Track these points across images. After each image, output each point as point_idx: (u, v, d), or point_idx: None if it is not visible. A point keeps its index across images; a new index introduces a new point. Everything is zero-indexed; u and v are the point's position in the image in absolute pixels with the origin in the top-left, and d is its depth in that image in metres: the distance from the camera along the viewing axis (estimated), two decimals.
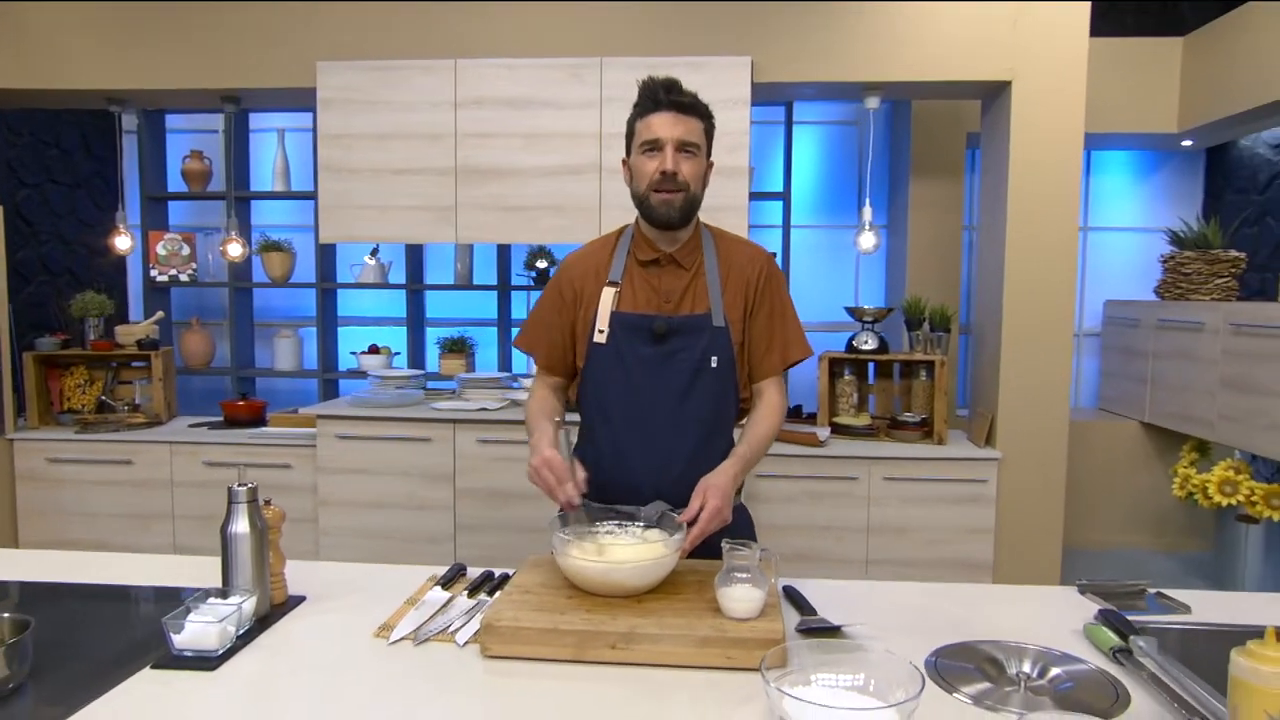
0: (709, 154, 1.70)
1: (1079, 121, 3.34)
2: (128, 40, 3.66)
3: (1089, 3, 3.33)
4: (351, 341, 4.79)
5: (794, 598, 1.51)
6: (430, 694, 1.19)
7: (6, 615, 1.19)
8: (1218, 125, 4.18)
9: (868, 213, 3.67)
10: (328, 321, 4.62)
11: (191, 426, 3.87)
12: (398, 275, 4.63)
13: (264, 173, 4.69)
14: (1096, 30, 3.43)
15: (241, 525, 1.41)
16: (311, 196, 4.39)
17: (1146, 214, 4.89)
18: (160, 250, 4.52)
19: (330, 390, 4.68)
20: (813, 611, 1.46)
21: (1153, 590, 1.60)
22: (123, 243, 3.98)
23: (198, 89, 3.71)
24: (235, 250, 4.02)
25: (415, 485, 3.52)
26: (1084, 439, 4.37)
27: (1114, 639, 1.33)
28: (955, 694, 1.21)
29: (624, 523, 1.56)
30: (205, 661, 1.25)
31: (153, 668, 1.24)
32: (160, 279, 4.51)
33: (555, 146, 3.48)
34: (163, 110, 4.50)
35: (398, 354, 4.66)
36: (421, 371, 4.13)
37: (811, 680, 1.14)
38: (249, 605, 1.35)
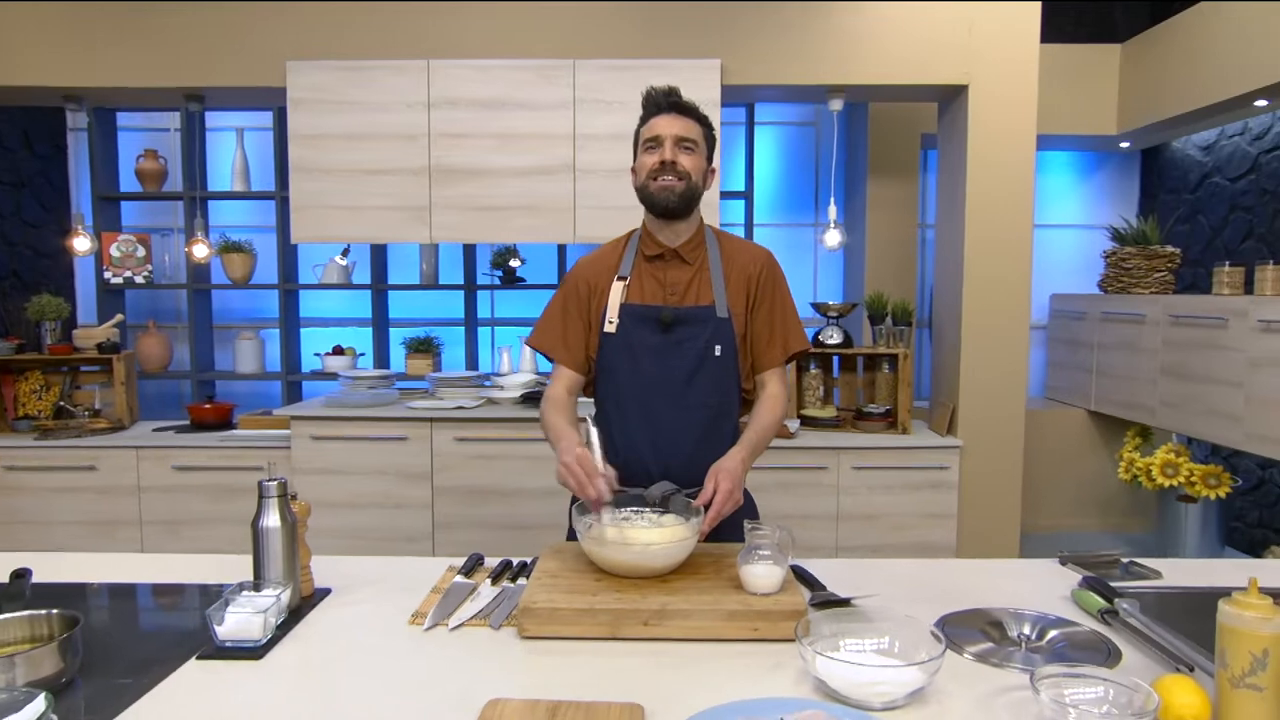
0: (710, 159, 1.78)
1: (1031, 123, 3.52)
2: (87, 37, 3.59)
3: (1040, 8, 3.50)
4: (314, 343, 4.76)
5: (802, 575, 1.60)
6: (477, 673, 1.24)
7: (55, 611, 1.21)
8: (1153, 128, 4.42)
9: (833, 211, 3.80)
10: (290, 323, 4.58)
11: (157, 431, 3.81)
12: (362, 275, 4.61)
13: (221, 173, 4.62)
14: (1040, 36, 3.61)
15: (273, 519, 1.44)
16: (272, 197, 4.36)
17: (1087, 212, 5.14)
18: (114, 252, 4.42)
19: (294, 392, 4.64)
20: (822, 587, 1.55)
21: (1125, 560, 1.73)
22: (81, 244, 3.89)
23: (161, 87, 3.65)
24: (201, 251, 3.96)
25: (392, 484, 3.53)
26: (1033, 427, 4.57)
27: (1101, 602, 1.45)
28: (963, 654, 1.31)
29: (639, 509, 1.63)
30: (250, 651, 1.28)
31: (198, 659, 1.27)
32: (115, 281, 4.41)
33: (528, 147, 3.52)
34: (113, 108, 4.40)
35: (363, 354, 4.65)
36: (393, 372, 4.13)
37: (840, 646, 1.23)
38: (286, 596, 1.38)
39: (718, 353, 1.75)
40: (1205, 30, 3.91)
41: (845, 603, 1.47)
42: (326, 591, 1.55)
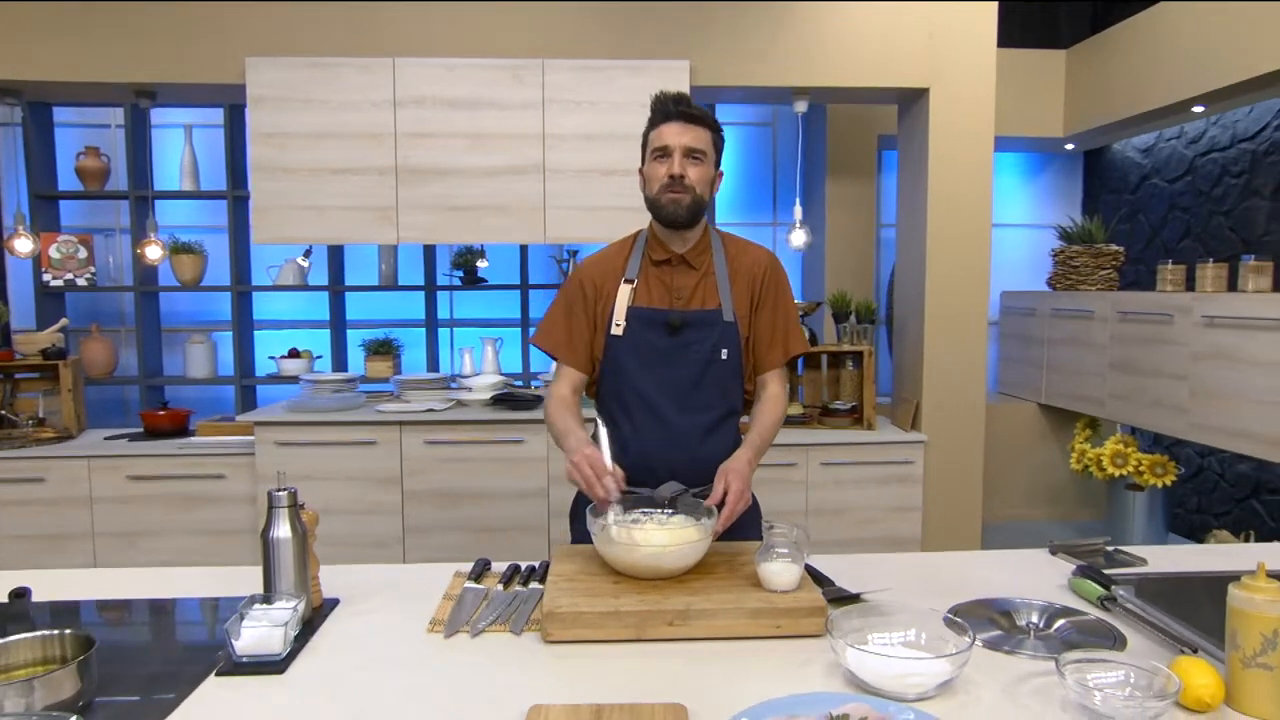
0: (718, 164, 1.79)
1: (989, 125, 3.63)
2: (29, 28, 3.43)
3: (996, 13, 3.61)
4: (269, 346, 4.64)
5: (810, 571, 1.62)
6: (508, 680, 1.23)
7: (69, 632, 1.16)
8: (1096, 131, 4.60)
9: (798, 211, 3.86)
10: (244, 325, 4.46)
11: (109, 439, 3.67)
12: (318, 277, 4.52)
13: (167, 171, 4.47)
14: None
15: (284, 530, 1.41)
16: (223, 196, 4.23)
17: (1034, 211, 5.31)
18: (54, 253, 4.25)
19: (249, 397, 4.52)
20: (830, 583, 1.58)
21: (1110, 548, 1.81)
22: (23, 245, 3.71)
23: (110, 82, 3.51)
24: (154, 253, 3.83)
25: (361, 489, 3.46)
26: (987, 421, 4.70)
27: (1099, 590, 1.51)
28: (977, 642, 1.35)
29: (648, 510, 1.63)
30: (270, 665, 1.25)
31: (217, 675, 1.23)
32: (55, 284, 4.24)
33: (498, 147, 3.49)
34: (51, 103, 4.22)
35: (320, 357, 4.55)
36: (358, 375, 4.05)
37: (869, 640, 1.25)
38: (301, 607, 1.35)
39: (724, 356, 1.77)
40: (1147, 38, 4.08)
41: (856, 598, 1.51)
42: (335, 602, 1.52)
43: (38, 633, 1.15)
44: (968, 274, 3.68)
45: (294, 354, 4.44)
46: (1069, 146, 5.00)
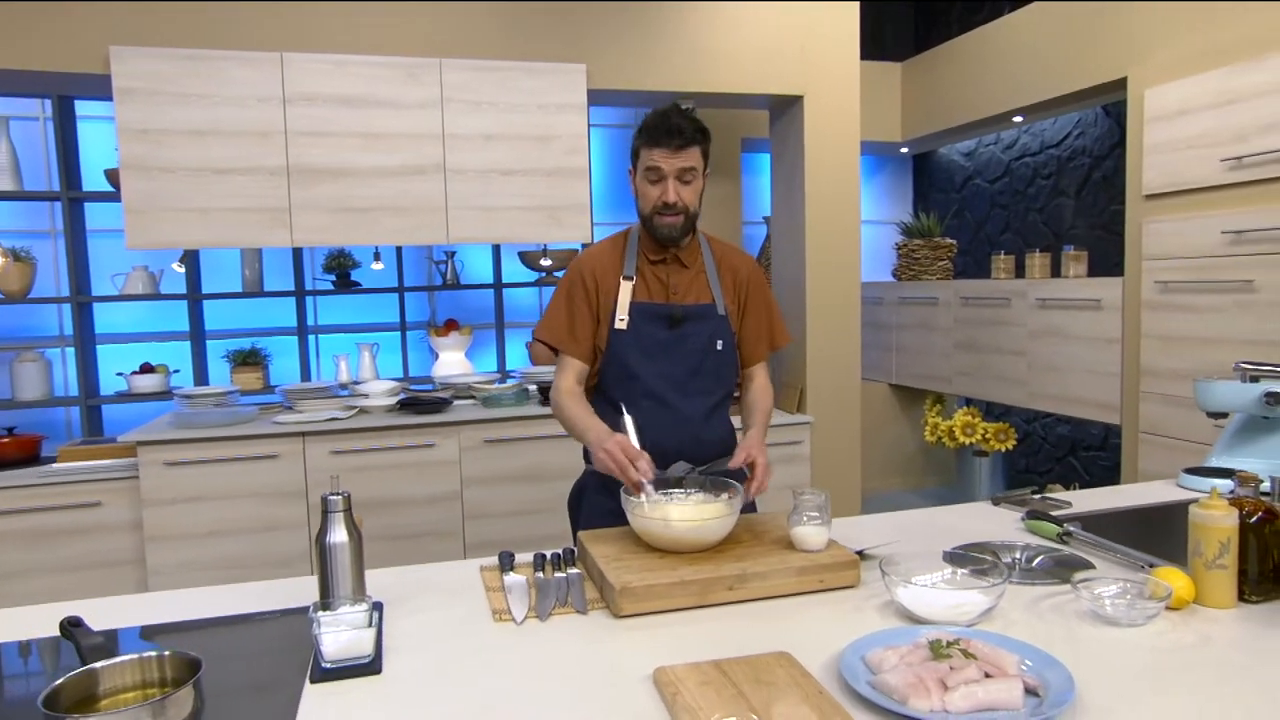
0: (706, 167, 1.90)
1: (856, 129, 3.98)
2: None
3: (858, 26, 3.97)
4: (113, 361, 4.26)
5: None
6: (608, 651, 1.29)
7: (168, 653, 1.10)
8: (928, 138, 5.13)
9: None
10: (86, 340, 4.07)
11: None
12: (171, 285, 4.19)
13: None
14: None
15: (340, 534, 1.38)
16: (54, 198, 3.84)
17: (872, 209, 5.83)
18: None
19: (94, 418, 4.12)
20: (835, 544, 1.74)
21: (1038, 495, 2.10)
22: None
23: None
24: None
25: (263, 506, 3.28)
26: None
27: (1056, 528, 1.78)
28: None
29: (669, 491, 1.73)
30: (363, 668, 1.24)
31: (312, 683, 1.21)
32: None
33: (396, 146, 3.42)
34: None
35: (177, 371, 4.23)
36: (234, 388, 3.81)
37: (912, 581, 1.42)
38: (370, 609, 1.34)
39: (719, 347, 1.90)
40: (975, 55, 4.62)
41: (860, 554, 1.68)
42: (379, 604, 1.50)
43: (134, 655, 1.09)
44: (842, 267, 4.02)
45: (147, 369, 4.10)
46: (903, 150, 5.54)
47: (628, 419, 1.72)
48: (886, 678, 1.12)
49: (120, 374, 4.12)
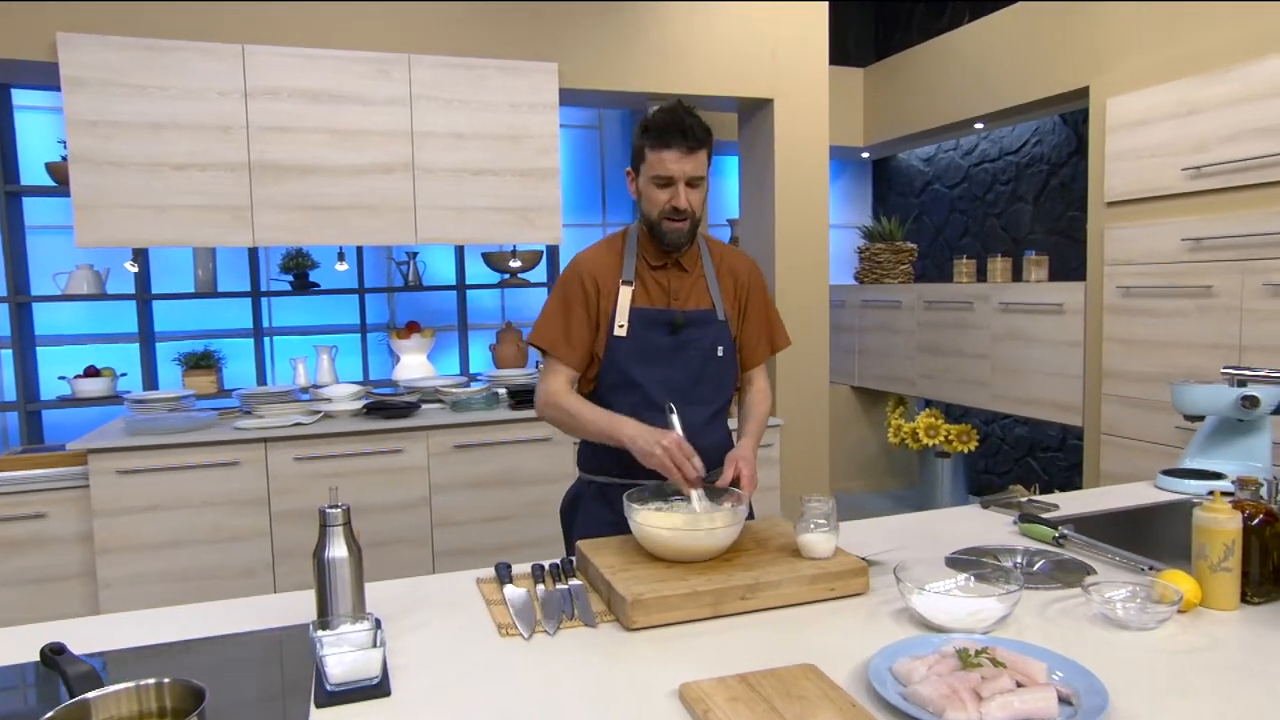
0: (709, 167, 1.86)
1: (824, 133, 4.00)
2: None
3: (827, 33, 3.99)
4: (53, 365, 4.07)
5: None
6: (626, 666, 1.25)
7: (168, 681, 1.03)
8: (890, 143, 5.20)
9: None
10: (25, 342, 3.88)
11: None
12: (119, 285, 4.01)
13: None
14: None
15: (339, 549, 1.32)
16: None
17: (833, 212, 5.88)
18: None
19: (34, 424, 3.93)
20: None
21: (1025, 498, 2.12)
22: None
23: None
24: None
25: (223, 515, 3.16)
26: None
27: (1050, 531, 1.79)
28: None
29: (671, 499, 1.70)
30: (372, 690, 1.18)
31: (318, 707, 1.14)
32: None
33: (364, 144, 3.33)
34: None
35: (124, 375, 4.06)
36: (190, 392, 3.66)
37: (926, 588, 1.41)
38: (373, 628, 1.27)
39: (720, 353, 1.87)
40: (938, 62, 4.69)
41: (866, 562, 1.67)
42: (377, 620, 1.43)
43: (130, 684, 1.01)
44: (810, 268, 4.04)
45: (92, 372, 3.93)
46: (864, 155, 5.60)
47: (674, 417, 1.68)
48: (919, 689, 1.10)
49: (63, 378, 3.95)
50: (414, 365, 4.37)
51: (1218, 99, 3.10)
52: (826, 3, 3.95)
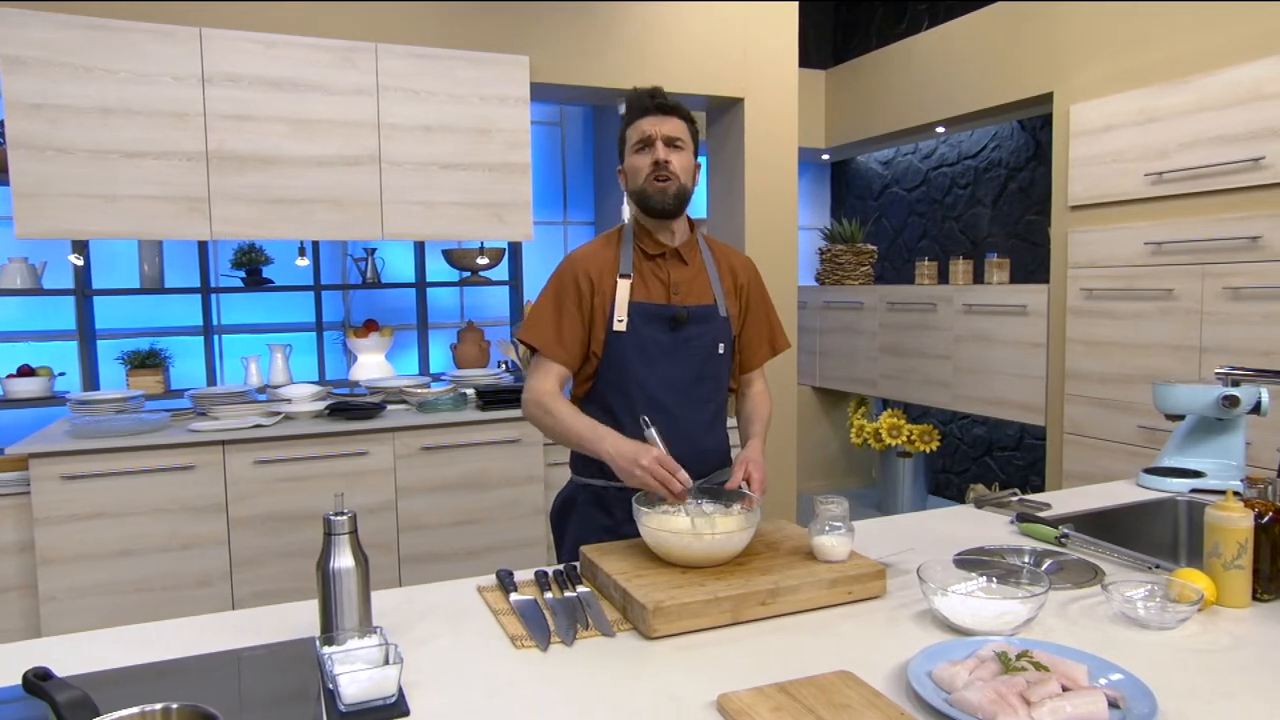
0: (695, 154, 1.83)
1: (794, 133, 4.00)
2: None
3: (796, 34, 3.99)
4: None
5: None
6: (655, 676, 1.20)
7: (176, 706, 0.94)
8: (852, 145, 5.24)
9: (626, 211, 3.96)
10: None
11: None
12: (56, 279, 3.79)
13: None
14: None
15: (345, 559, 1.24)
16: None
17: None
18: None
19: None
20: None
21: (1017, 498, 2.13)
22: None
23: None
24: None
25: (177, 522, 3.00)
26: None
27: (1053, 531, 1.79)
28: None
29: (674, 505, 1.65)
30: (389, 709, 1.10)
31: None
32: None
33: (329, 134, 3.20)
34: None
35: (62, 374, 3.84)
36: (137, 392, 3.48)
37: (949, 590, 1.39)
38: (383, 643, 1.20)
39: (720, 350, 1.83)
40: (901, 66, 4.74)
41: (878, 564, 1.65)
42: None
43: (135, 709, 0.92)
44: (780, 267, 4.03)
45: (27, 371, 3.71)
46: (825, 157, 5.64)
47: (652, 431, 1.62)
48: (966, 695, 1.07)
49: None
50: (372, 365, 4.23)
51: (1178, 107, 3.18)
52: (796, 3, 3.96)
